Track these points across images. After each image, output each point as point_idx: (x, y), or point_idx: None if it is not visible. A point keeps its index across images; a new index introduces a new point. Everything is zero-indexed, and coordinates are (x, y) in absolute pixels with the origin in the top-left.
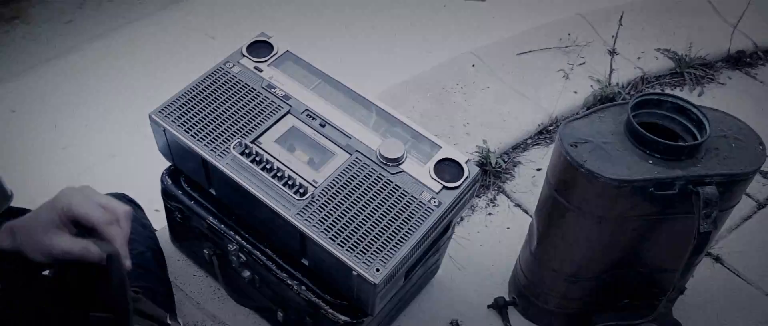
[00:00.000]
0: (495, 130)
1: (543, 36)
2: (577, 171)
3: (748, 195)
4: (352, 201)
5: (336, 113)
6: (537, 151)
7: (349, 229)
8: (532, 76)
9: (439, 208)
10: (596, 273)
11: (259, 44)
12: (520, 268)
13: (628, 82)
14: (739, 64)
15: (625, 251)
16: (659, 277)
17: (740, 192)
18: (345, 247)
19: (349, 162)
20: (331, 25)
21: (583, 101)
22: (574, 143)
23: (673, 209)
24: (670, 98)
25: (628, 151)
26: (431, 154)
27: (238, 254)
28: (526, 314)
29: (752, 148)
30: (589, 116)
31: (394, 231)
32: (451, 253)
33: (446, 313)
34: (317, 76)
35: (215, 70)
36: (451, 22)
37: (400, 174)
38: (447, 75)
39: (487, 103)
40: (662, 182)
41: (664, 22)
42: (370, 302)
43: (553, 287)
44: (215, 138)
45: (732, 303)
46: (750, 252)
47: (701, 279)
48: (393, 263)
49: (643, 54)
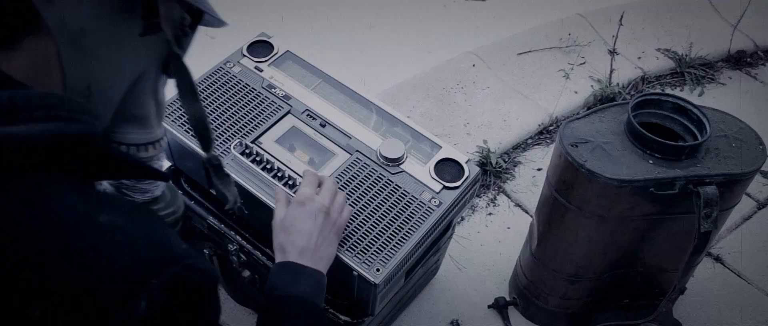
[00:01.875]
0: (495, 129)
1: (543, 36)
2: (577, 171)
3: (748, 195)
4: (352, 201)
5: (336, 113)
6: (537, 151)
7: (350, 229)
8: (533, 76)
9: (440, 208)
10: (596, 273)
11: (259, 44)
12: (520, 268)
13: (628, 82)
14: (740, 64)
15: (625, 251)
16: (659, 277)
17: (740, 192)
18: (345, 247)
19: (350, 162)
20: (331, 25)
21: (584, 101)
22: (575, 143)
23: (673, 209)
24: (671, 98)
25: (629, 151)
26: (431, 153)
27: (238, 254)
28: (527, 314)
29: (752, 147)
30: (590, 116)
31: (394, 231)
32: (451, 253)
33: (446, 313)
34: (317, 76)
35: (215, 70)
36: (451, 22)
37: (401, 174)
38: (447, 75)
39: (488, 103)
40: (662, 182)
41: (664, 22)
42: (371, 302)
43: (554, 287)
44: (215, 138)
45: (732, 303)
46: (750, 252)
47: (701, 279)
48: (393, 263)
49: (644, 54)
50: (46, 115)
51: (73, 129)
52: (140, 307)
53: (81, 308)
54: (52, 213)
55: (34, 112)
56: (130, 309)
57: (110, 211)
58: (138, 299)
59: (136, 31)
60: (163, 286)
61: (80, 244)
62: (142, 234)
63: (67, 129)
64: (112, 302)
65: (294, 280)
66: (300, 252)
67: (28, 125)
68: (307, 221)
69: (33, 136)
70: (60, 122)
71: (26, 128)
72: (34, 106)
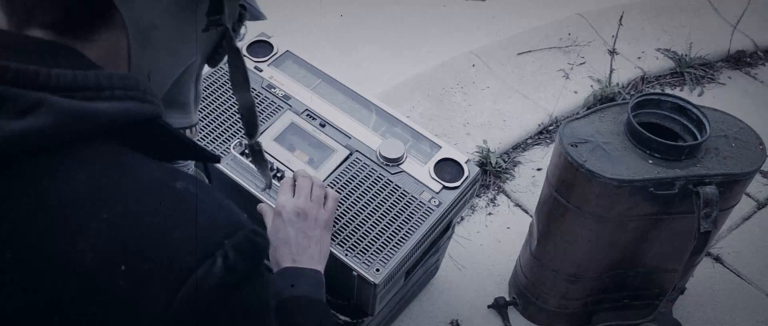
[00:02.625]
0: (495, 129)
1: (543, 36)
2: (577, 171)
3: (748, 195)
4: (352, 201)
5: (336, 113)
6: (537, 151)
7: (349, 229)
8: (532, 76)
9: (439, 208)
10: (596, 273)
11: (259, 44)
12: (520, 268)
13: (628, 81)
14: (739, 64)
15: (625, 251)
16: (659, 277)
17: (740, 192)
18: (345, 247)
19: (349, 162)
20: (331, 25)
21: (584, 101)
22: (575, 143)
23: (673, 209)
24: (670, 98)
25: (628, 151)
26: (431, 153)
27: None
28: (526, 314)
29: (752, 147)
30: (589, 116)
31: (394, 231)
32: (451, 253)
33: (446, 313)
34: (317, 76)
35: (215, 69)
36: (451, 22)
37: (400, 174)
38: (447, 75)
39: (487, 102)
40: (662, 182)
41: (664, 22)
42: (370, 302)
43: (554, 287)
44: (215, 138)
45: (732, 303)
46: (750, 252)
47: (701, 279)
48: (393, 263)
49: (643, 54)
50: (126, 94)
51: (148, 109)
52: (216, 264)
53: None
54: (137, 177)
55: (115, 91)
56: (208, 267)
57: (184, 179)
58: (214, 257)
59: (200, 27)
60: (236, 246)
61: (165, 206)
62: (213, 201)
63: (143, 109)
64: (192, 260)
65: (292, 284)
66: (291, 259)
67: (112, 102)
68: (284, 229)
69: (116, 112)
70: (136, 101)
71: (110, 105)
72: (115, 85)
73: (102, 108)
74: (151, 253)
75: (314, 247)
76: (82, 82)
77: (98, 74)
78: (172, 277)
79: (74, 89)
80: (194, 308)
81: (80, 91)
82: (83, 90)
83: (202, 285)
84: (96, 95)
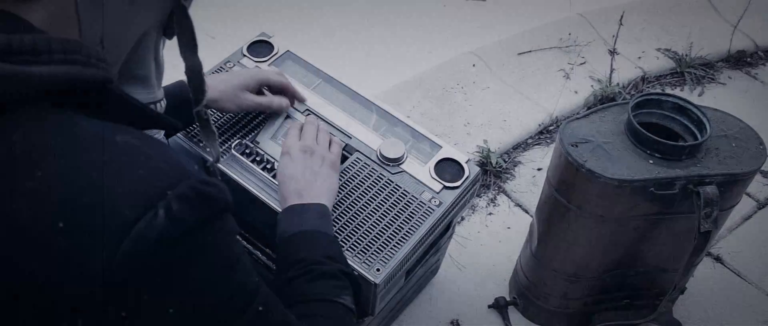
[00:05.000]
0: (495, 129)
1: (543, 36)
2: (577, 171)
3: (748, 195)
4: (352, 201)
5: (336, 113)
6: (537, 151)
7: (350, 229)
8: (533, 75)
9: (440, 208)
10: (596, 273)
11: (259, 44)
12: (520, 268)
13: (628, 81)
14: (740, 64)
15: (625, 251)
16: (659, 277)
17: (740, 191)
18: (345, 247)
19: (350, 162)
20: (331, 25)
21: (584, 101)
22: (575, 143)
23: (673, 209)
24: (671, 98)
25: (629, 151)
26: (432, 153)
27: None
28: (527, 314)
29: (752, 147)
30: (590, 116)
31: (394, 231)
32: (451, 253)
33: (446, 313)
34: (317, 76)
35: (216, 70)
36: (451, 22)
37: (401, 174)
38: (447, 75)
39: (488, 102)
40: (662, 182)
41: (664, 22)
42: (371, 302)
43: (554, 287)
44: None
45: (732, 303)
46: (750, 252)
47: (701, 279)
48: (393, 263)
49: (644, 54)
50: (65, 59)
51: (91, 73)
52: (158, 216)
53: (102, 219)
54: (74, 134)
55: (53, 55)
56: (149, 219)
57: (125, 133)
58: (156, 209)
59: None
60: (180, 196)
61: (103, 160)
62: (157, 153)
63: (85, 72)
64: (131, 213)
65: (299, 219)
66: (297, 195)
67: (50, 66)
68: (291, 165)
69: (53, 76)
70: (78, 65)
71: (47, 69)
72: (54, 49)
73: (37, 71)
74: (90, 209)
75: (321, 183)
76: (16, 47)
77: (35, 38)
78: (113, 231)
79: (8, 53)
80: (139, 261)
81: (15, 56)
82: (18, 54)
83: (143, 237)
84: (34, 59)
